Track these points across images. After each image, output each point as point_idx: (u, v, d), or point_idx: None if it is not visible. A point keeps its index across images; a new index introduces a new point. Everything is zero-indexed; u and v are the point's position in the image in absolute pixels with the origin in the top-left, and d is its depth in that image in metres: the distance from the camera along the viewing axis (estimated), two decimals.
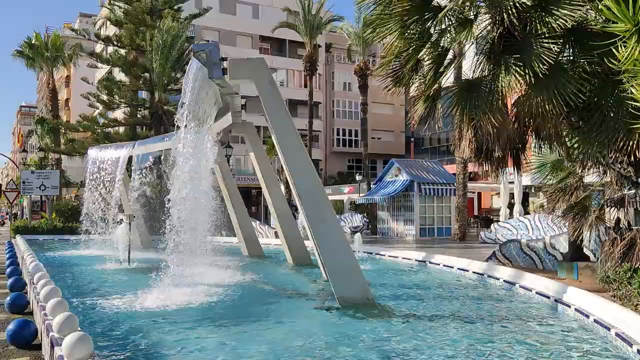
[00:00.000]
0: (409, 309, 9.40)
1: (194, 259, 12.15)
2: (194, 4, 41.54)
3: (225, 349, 6.92)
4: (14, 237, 26.71)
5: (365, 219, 31.27)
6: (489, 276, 12.41)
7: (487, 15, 8.33)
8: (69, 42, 42.11)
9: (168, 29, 33.18)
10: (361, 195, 34.22)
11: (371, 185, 34.02)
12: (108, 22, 40.28)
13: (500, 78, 7.64)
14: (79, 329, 5.25)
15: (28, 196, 36.67)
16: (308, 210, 9.95)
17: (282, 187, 23.58)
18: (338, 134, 57.14)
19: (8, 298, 8.97)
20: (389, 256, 17.66)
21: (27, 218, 37.75)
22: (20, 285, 10.42)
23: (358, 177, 38.15)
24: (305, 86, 44.24)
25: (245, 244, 19.34)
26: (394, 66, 9.19)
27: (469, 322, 8.37)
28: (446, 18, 8.23)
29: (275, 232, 21.72)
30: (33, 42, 39.34)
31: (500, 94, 7.87)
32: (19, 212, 49.46)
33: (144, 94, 38.18)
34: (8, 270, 12.64)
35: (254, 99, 13.07)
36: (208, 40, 38.89)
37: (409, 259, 16.51)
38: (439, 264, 14.94)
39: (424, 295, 10.89)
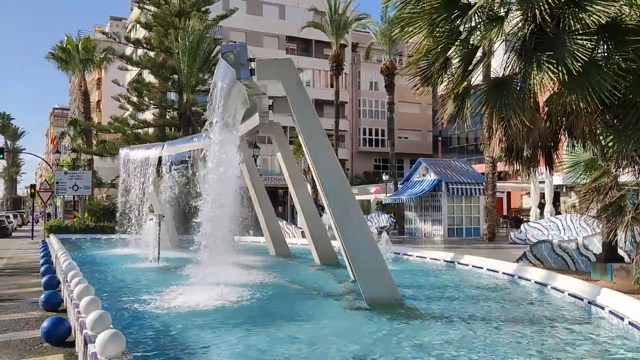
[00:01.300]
0: (438, 310, 9.31)
1: (222, 259, 12.28)
2: (221, 6, 41.93)
3: (254, 349, 6.94)
4: (48, 237, 27.39)
5: (392, 219, 31.10)
6: (519, 277, 12.21)
7: (518, 12, 8.17)
8: (100, 45, 42.95)
9: (195, 30, 33.55)
10: (388, 195, 34.03)
11: (398, 185, 33.81)
12: (138, 25, 41.01)
13: (532, 76, 7.49)
14: (111, 326, 5.33)
15: (61, 196, 37.57)
16: (335, 210, 9.93)
17: (309, 187, 23.62)
18: (364, 134, 56.98)
19: (42, 296, 9.19)
20: (416, 256, 17.52)
21: (60, 218, 38.67)
22: (54, 283, 10.66)
23: (385, 177, 37.96)
24: (332, 86, 44.20)
25: (273, 243, 19.43)
26: (422, 65, 9.10)
27: (500, 323, 8.24)
28: (476, 15, 8.11)
29: (302, 232, 21.77)
30: (65, 45, 40.22)
31: (531, 92, 7.72)
32: (52, 211, 50.66)
33: (172, 96, 38.70)
34: (42, 268, 12.96)
35: (280, 99, 13.12)
36: (235, 42, 39.22)
37: (437, 260, 16.35)
38: (467, 265, 14.76)
39: (453, 296, 10.76)
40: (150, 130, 38.60)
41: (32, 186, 40.71)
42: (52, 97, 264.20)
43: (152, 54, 38.04)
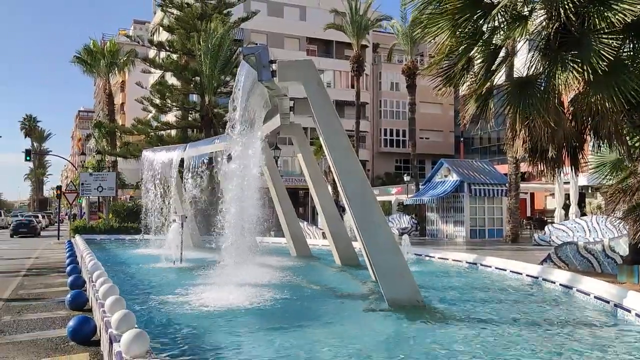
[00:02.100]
0: (460, 312, 9.22)
1: (244, 259, 12.35)
2: (242, 8, 42.19)
3: (276, 350, 6.97)
4: (74, 237, 27.89)
5: (413, 220, 30.94)
6: (544, 279, 12.03)
7: (542, 11, 8.07)
8: (124, 48, 43.59)
9: (217, 33, 33.82)
10: (409, 196, 33.86)
11: (420, 186, 33.62)
12: (161, 28, 41.50)
13: (556, 75, 7.39)
14: (136, 326, 5.40)
15: (86, 197, 38.21)
16: (356, 211, 9.92)
17: (329, 188, 23.62)
18: (385, 134, 56.79)
19: (68, 295, 9.35)
20: (438, 258, 17.39)
21: (85, 218, 39.34)
22: (80, 283, 10.84)
23: (406, 178, 37.76)
24: (352, 87, 44.13)
25: (294, 244, 19.47)
26: (443, 65, 9.04)
27: (524, 327, 8.13)
28: (499, 15, 8.03)
29: (323, 233, 21.78)
30: (91, 49, 40.91)
31: (556, 92, 7.62)
32: (77, 212, 51.53)
33: (194, 98, 39.08)
34: (68, 268, 13.21)
35: (301, 100, 13.16)
36: (256, 43, 39.49)
37: (460, 261, 16.21)
38: (490, 267, 14.59)
39: (476, 298, 10.65)
40: (173, 132, 39.04)
41: (59, 187, 41.48)
42: (77, 100, 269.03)
43: (174, 56, 38.47)
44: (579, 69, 7.21)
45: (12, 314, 8.87)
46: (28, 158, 46.52)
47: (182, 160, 22.56)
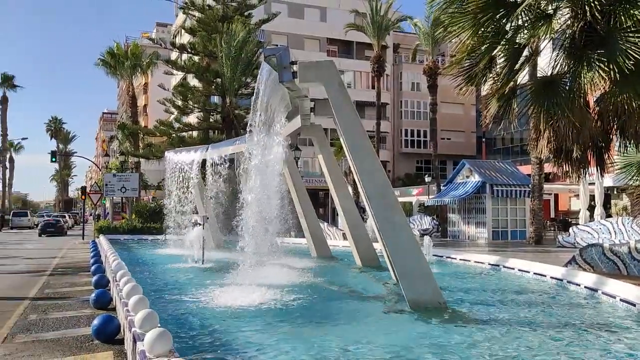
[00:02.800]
0: (483, 314, 9.12)
1: (264, 259, 12.39)
2: (263, 10, 42.39)
3: (297, 350, 6.97)
4: (98, 237, 28.32)
5: (434, 221, 30.73)
6: (568, 282, 11.84)
7: (567, 9, 7.94)
8: (146, 50, 44.15)
9: (238, 35, 34.03)
10: (430, 197, 33.63)
11: (441, 187, 33.38)
12: (183, 31, 41.91)
13: (582, 75, 7.26)
14: (159, 325, 5.45)
15: (110, 198, 38.79)
16: (377, 212, 9.88)
17: (350, 189, 23.57)
18: (406, 135, 56.51)
19: (93, 294, 9.51)
20: (460, 259, 17.23)
21: (109, 219, 39.92)
22: (104, 282, 11.01)
23: (427, 179, 37.52)
24: (373, 87, 44.01)
25: (314, 245, 19.48)
26: (465, 65, 8.96)
27: (548, 330, 8.01)
28: (523, 13, 7.92)
29: (343, 234, 21.75)
30: (114, 51, 41.52)
31: (581, 92, 7.49)
32: (101, 212, 52.32)
33: (216, 99, 39.38)
34: (92, 268, 13.43)
35: (322, 101, 13.17)
36: (277, 45, 39.63)
37: (482, 263, 16.03)
38: (513, 269, 14.41)
39: (499, 301, 10.52)
40: (195, 133, 39.40)
41: (83, 188, 42.17)
42: (101, 102, 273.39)
43: (196, 58, 38.81)
44: (605, 68, 7.07)
45: (38, 313, 9.04)
46: (54, 159, 47.53)
47: (203, 161, 22.73)
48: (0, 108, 64.69)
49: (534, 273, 13.35)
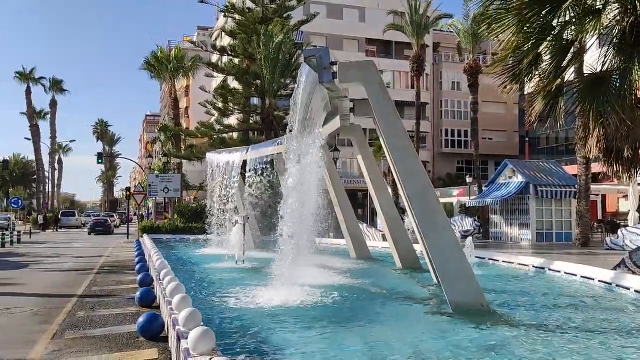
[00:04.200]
0: (528, 318, 8.90)
1: (304, 260, 12.42)
2: (302, 11, 42.56)
3: (338, 351, 6.96)
4: (142, 236, 29.02)
5: (476, 222, 30.17)
6: (617, 286, 11.43)
7: (616, 5, 7.66)
8: (188, 54, 44.99)
9: (276, 36, 34.26)
10: (472, 198, 33.05)
11: (483, 188, 32.75)
12: (223, 34, 42.50)
13: (633, 72, 6.99)
14: (202, 323, 5.52)
15: (153, 198, 39.69)
16: (418, 213, 9.76)
17: (389, 190, 23.40)
18: (446, 135, 55.74)
19: (138, 293, 9.73)
20: (503, 262, 16.85)
21: (152, 219, 40.86)
22: (148, 281, 11.24)
23: (468, 179, 36.89)
24: (412, 87, 43.54)
25: (353, 246, 19.42)
26: (509, 62, 8.75)
27: (597, 335, 7.74)
28: (570, 9, 7.68)
29: (383, 235, 21.59)
30: (158, 55, 42.47)
31: (632, 89, 7.21)
32: (145, 213, 53.60)
33: (255, 101, 39.76)
34: (137, 267, 13.74)
35: (361, 101, 13.10)
36: (316, 46, 39.73)
37: (526, 265, 15.64)
38: (559, 272, 14.00)
39: (545, 304, 10.24)
40: (235, 134, 39.87)
41: (128, 189, 43.33)
42: (145, 105, 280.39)
43: (236, 60, 39.28)
44: None
45: (86, 310, 9.31)
46: (100, 161, 49.01)
47: (244, 162, 22.99)
48: (49, 112, 67.00)
49: (582, 276, 12.94)
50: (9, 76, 74.75)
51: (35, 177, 71.12)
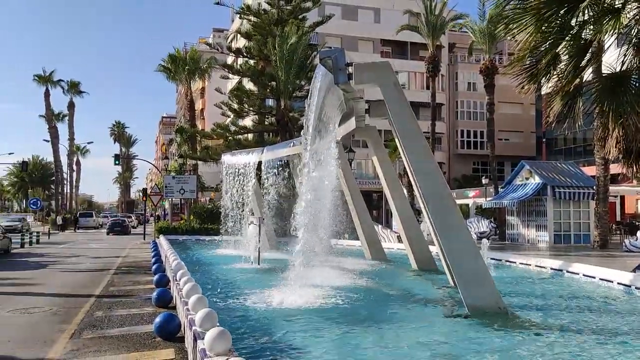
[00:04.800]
0: (546, 321, 8.80)
1: (320, 261, 12.42)
2: (317, 13, 42.59)
3: (353, 352, 6.94)
4: (158, 237, 29.22)
5: (492, 224, 29.92)
6: (637, 288, 11.25)
7: (635, 4, 7.55)
8: (204, 56, 45.28)
9: (291, 38, 34.32)
10: (488, 199, 32.80)
11: (499, 189, 32.47)
12: (238, 35, 42.67)
13: None
14: (218, 324, 5.54)
15: (169, 199, 39.98)
16: (434, 214, 9.71)
17: (405, 191, 23.30)
18: (462, 136, 55.37)
19: (154, 293, 9.80)
20: (520, 263, 16.69)
21: (168, 219, 41.16)
22: (165, 281, 11.32)
23: (484, 180, 36.59)
24: (428, 88, 43.35)
25: (368, 247, 19.37)
26: (526, 62, 8.67)
27: (617, 337, 7.62)
28: (588, 8, 7.58)
29: (398, 236, 21.51)
30: (174, 57, 42.80)
31: None
32: (161, 213, 54.03)
33: (270, 102, 39.86)
34: (154, 267, 13.84)
35: (377, 102, 13.08)
36: (331, 47, 39.71)
37: (543, 267, 15.47)
38: (577, 274, 13.83)
39: (562, 307, 10.12)
40: (250, 135, 40.00)
41: (144, 190, 43.69)
42: (161, 107, 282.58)
43: (251, 62, 39.42)
44: None
45: (103, 310, 9.40)
46: (117, 162, 49.59)
47: (259, 163, 23.06)
48: (67, 113, 67.82)
49: (600, 279, 12.77)
50: (29, 78, 75.57)
51: (53, 178, 71.99)
